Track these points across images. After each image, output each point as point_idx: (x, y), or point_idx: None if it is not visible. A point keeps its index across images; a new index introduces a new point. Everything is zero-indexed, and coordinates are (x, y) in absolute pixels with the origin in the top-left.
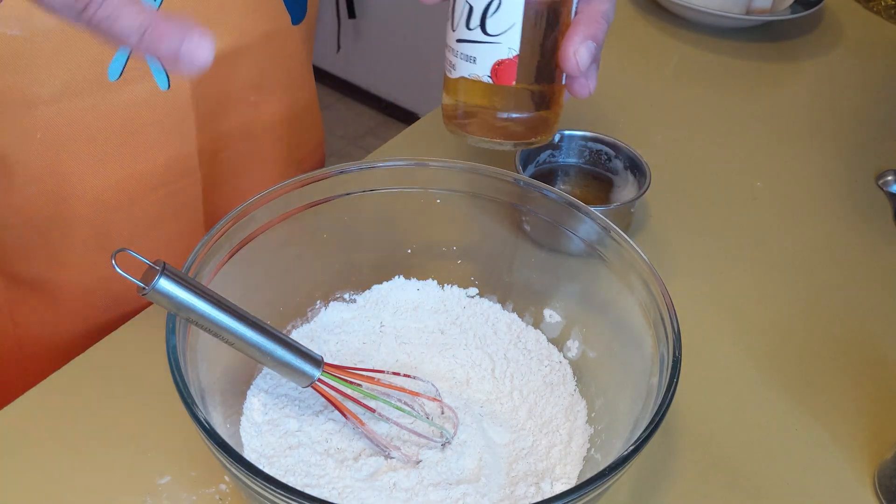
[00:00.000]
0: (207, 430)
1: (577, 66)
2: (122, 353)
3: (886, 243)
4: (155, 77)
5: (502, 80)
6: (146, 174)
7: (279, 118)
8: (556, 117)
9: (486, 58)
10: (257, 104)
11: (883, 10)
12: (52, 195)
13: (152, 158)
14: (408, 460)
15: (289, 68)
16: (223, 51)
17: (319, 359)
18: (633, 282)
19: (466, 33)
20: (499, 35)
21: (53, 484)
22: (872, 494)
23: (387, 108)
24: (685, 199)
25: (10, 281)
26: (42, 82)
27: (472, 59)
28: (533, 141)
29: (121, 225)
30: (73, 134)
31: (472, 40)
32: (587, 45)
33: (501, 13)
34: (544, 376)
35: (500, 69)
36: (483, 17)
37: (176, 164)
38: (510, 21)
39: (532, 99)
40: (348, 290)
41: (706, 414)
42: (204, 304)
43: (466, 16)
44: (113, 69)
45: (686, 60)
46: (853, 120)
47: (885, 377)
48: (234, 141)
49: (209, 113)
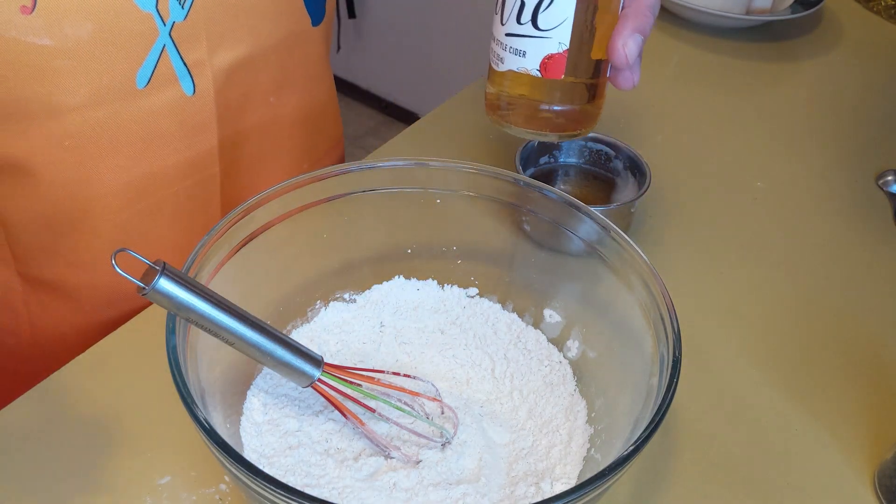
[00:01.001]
0: (207, 430)
1: (626, 58)
2: (122, 352)
3: (886, 243)
4: (181, 82)
5: (551, 73)
6: (166, 172)
7: (298, 115)
8: (598, 110)
9: (536, 52)
10: (278, 103)
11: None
12: (74, 199)
13: (173, 157)
14: (408, 460)
15: (308, 68)
16: (247, 55)
17: (319, 359)
18: (633, 282)
19: (517, 27)
20: (550, 30)
21: (53, 484)
22: (872, 494)
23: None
24: (685, 199)
25: (29, 282)
26: (70, 91)
27: (522, 53)
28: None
29: (139, 222)
30: (99, 140)
31: (523, 34)
32: (635, 37)
33: (554, 8)
34: (544, 376)
35: (549, 63)
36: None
37: (196, 161)
38: (562, 16)
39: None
40: (348, 290)
41: (706, 414)
42: (204, 304)
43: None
44: (141, 76)
45: (686, 60)
46: (853, 120)
47: (885, 377)
48: (253, 137)
49: (231, 114)
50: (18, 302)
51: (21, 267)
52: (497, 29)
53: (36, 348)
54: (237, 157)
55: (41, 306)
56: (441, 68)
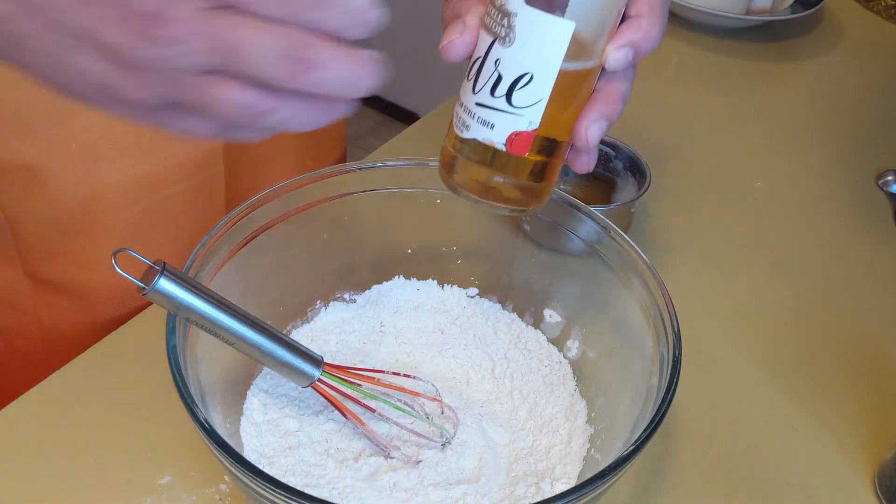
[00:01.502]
0: (207, 430)
1: (587, 142)
2: (123, 352)
3: (886, 243)
4: None
5: (516, 150)
6: (172, 170)
7: None
8: (551, 189)
9: (505, 127)
10: None
11: (883, 10)
12: (81, 200)
13: (179, 156)
14: (408, 460)
15: None
16: None
17: (319, 359)
18: (633, 282)
19: (489, 100)
20: (523, 108)
21: (53, 484)
22: (872, 494)
23: (387, 108)
24: (685, 199)
25: (38, 282)
26: None
27: (490, 126)
28: (526, 208)
29: (145, 221)
30: (106, 142)
31: (494, 108)
32: (600, 123)
33: (531, 88)
34: (544, 376)
35: (516, 140)
36: (511, 88)
37: (200, 160)
38: (538, 96)
39: (536, 170)
40: (348, 290)
41: (706, 414)
42: (204, 304)
43: (493, 83)
44: None
45: (686, 60)
46: (853, 120)
47: (885, 377)
48: None
49: None
50: (27, 303)
51: (29, 268)
52: (467, 95)
53: (46, 350)
54: (241, 155)
55: (49, 307)
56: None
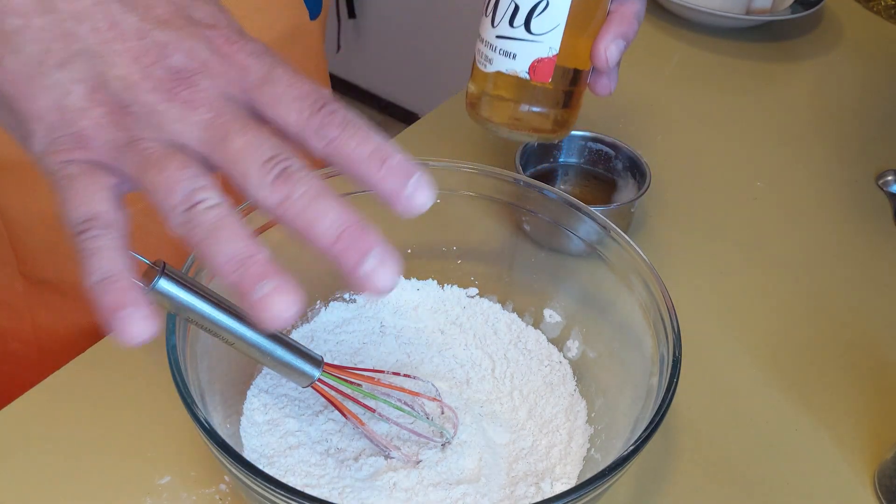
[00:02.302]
0: (207, 430)
1: (607, 62)
2: (122, 352)
3: (886, 243)
4: None
5: (539, 77)
6: None
7: None
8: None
9: (527, 55)
10: None
11: (883, 10)
12: None
13: None
14: (408, 460)
15: (307, 62)
16: None
17: (319, 359)
18: (633, 282)
19: (509, 30)
20: (542, 34)
21: (53, 484)
22: (872, 494)
23: (387, 108)
24: (685, 199)
25: (33, 283)
26: None
27: (512, 56)
28: (553, 136)
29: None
30: None
31: (514, 37)
32: (617, 43)
33: (547, 14)
34: (544, 376)
35: (539, 66)
36: (529, 16)
37: None
38: (555, 21)
39: (560, 96)
40: (348, 290)
41: (706, 414)
42: (204, 304)
43: (511, 14)
44: None
45: (686, 60)
46: (853, 120)
47: (886, 377)
48: None
49: None
50: (22, 304)
51: (23, 267)
52: (486, 30)
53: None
54: None
55: (45, 308)
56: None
